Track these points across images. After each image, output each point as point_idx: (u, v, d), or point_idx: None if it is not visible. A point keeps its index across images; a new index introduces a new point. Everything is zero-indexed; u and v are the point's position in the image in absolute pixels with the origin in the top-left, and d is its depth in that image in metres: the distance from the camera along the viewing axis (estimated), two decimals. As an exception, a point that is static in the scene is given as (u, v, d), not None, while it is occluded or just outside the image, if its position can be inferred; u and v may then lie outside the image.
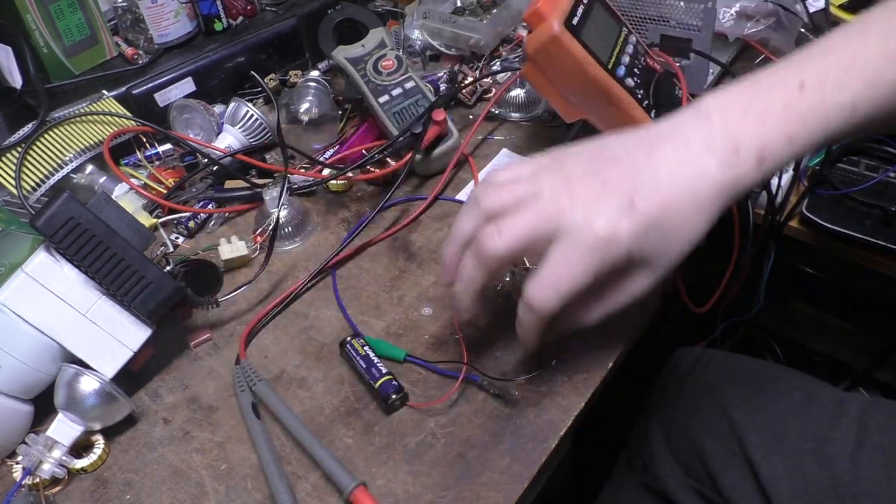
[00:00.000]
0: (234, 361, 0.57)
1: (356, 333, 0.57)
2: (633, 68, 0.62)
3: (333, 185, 0.72)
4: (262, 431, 0.51)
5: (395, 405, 0.52)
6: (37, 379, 0.51)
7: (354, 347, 0.55)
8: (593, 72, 0.59)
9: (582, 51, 0.58)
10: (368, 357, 0.54)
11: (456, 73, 0.83)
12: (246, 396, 0.53)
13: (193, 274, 0.63)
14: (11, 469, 0.51)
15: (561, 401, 0.51)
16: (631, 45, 0.64)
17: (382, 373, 0.53)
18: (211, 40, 0.82)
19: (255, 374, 0.54)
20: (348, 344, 0.55)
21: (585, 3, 0.61)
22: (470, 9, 0.88)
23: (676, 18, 0.72)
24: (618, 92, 0.60)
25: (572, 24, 0.58)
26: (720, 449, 0.65)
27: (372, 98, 0.73)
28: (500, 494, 0.46)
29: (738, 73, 0.83)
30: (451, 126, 0.72)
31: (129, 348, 0.53)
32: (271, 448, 0.50)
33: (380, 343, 0.56)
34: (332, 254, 0.64)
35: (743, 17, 0.81)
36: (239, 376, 0.55)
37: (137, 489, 0.50)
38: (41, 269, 0.50)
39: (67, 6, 0.75)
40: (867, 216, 0.66)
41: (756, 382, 0.69)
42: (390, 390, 0.52)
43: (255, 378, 0.54)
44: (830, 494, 0.59)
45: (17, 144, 0.67)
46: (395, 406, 0.52)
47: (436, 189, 0.71)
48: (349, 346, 0.55)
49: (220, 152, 0.72)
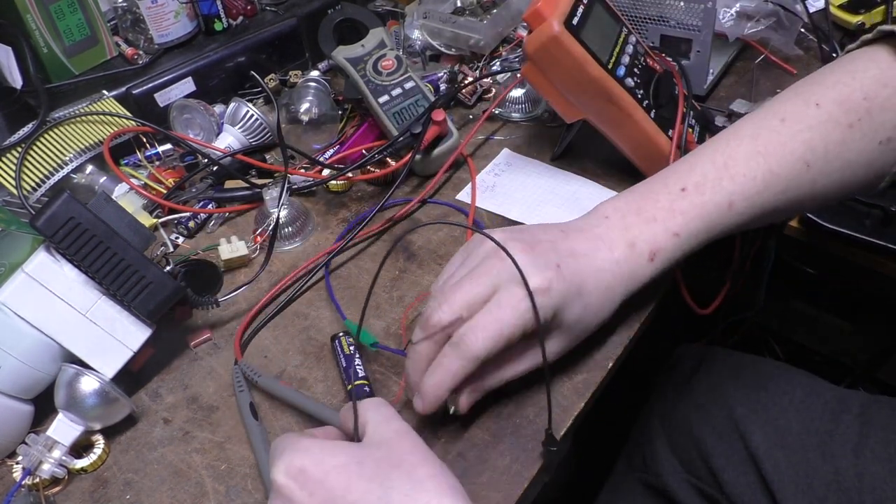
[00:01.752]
0: (233, 361, 0.57)
1: (345, 331, 0.57)
2: (633, 68, 0.62)
3: (333, 186, 0.72)
4: (260, 433, 0.51)
5: None
6: (37, 379, 0.51)
7: (341, 344, 0.56)
8: (593, 72, 0.59)
9: (582, 51, 0.58)
10: (351, 356, 0.55)
11: (456, 73, 0.83)
12: (244, 397, 0.53)
13: (193, 274, 0.63)
14: (11, 469, 0.51)
15: (561, 401, 0.51)
16: (631, 45, 0.64)
17: (359, 375, 0.53)
18: (211, 40, 0.82)
19: (254, 371, 0.55)
20: (337, 340, 0.56)
21: (585, 4, 0.61)
22: (470, 9, 0.88)
23: (676, 18, 0.72)
24: (618, 92, 0.60)
25: (572, 24, 0.58)
26: (722, 445, 0.66)
27: (372, 98, 0.73)
28: (500, 494, 0.46)
29: (739, 72, 0.83)
30: (451, 126, 0.72)
31: (129, 348, 0.53)
32: (269, 449, 0.50)
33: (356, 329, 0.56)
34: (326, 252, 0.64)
35: (743, 17, 0.81)
36: (237, 376, 0.55)
37: (137, 489, 0.50)
38: (41, 269, 0.50)
39: (67, 6, 0.75)
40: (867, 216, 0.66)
41: (758, 379, 0.70)
42: (360, 396, 0.52)
43: (255, 375, 0.54)
44: (834, 489, 0.59)
45: (17, 144, 0.67)
46: None
47: (426, 190, 0.70)
48: (337, 341, 0.56)
49: (220, 152, 0.72)
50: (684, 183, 0.49)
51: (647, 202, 0.49)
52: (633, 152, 0.65)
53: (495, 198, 0.69)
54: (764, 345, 1.19)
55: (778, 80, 0.81)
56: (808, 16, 0.82)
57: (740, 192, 0.48)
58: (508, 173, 0.72)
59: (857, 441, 0.61)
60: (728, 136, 0.51)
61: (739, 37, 0.81)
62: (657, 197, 0.49)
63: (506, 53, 0.86)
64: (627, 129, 0.63)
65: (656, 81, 0.64)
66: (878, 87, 0.49)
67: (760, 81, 0.81)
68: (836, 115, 0.49)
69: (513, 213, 0.67)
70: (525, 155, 0.74)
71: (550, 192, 0.68)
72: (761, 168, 0.48)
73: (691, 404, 0.71)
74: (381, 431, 0.41)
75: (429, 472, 0.38)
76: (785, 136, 0.49)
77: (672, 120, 0.64)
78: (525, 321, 0.43)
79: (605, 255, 0.47)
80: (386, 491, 0.37)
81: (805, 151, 0.49)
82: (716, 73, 0.80)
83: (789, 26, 0.81)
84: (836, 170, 0.50)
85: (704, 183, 0.48)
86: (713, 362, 0.74)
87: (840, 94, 0.50)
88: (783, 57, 0.83)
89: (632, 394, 0.79)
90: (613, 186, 0.68)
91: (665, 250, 0.48)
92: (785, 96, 0.52)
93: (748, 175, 0.48)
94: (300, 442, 0.40)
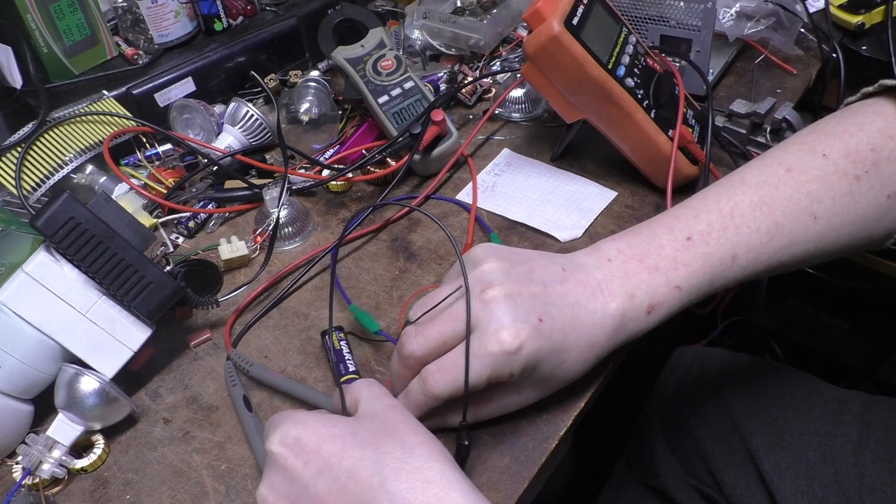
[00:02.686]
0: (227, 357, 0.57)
1: (336, 326, 0.57)
2: (633, 68, 0.62)
3: (333, 186, 0.72)
4: (255, 425, 0.51)
5: None
6: (37, 379, 0.51)
7: (331, 340, 0.56)
8: (593, 72, 0.59)
9: (582, 51, 0.58)
10: (341, 352, 0.55)
11: (456, 73, 0.83)
12: (238, 390, 0.53)
13: (193, 274, 0.63)
14: (11, 469, 0.51)
15: (561, 401, 0.51)
16: (631, 46, 0.64)
17: (349, 370, 0.54)
18: (211, 40, 0.82)
19: (245, 361, 0.55)
20: (327, 335, 0.56)
21: (585, 4, 0.61)
22: (470, 9, 0.88)
23: (676, 18, 0.72)
24: (618, 92, 0.60)
25: (572, 24, 0.58)
26: (722, 446, 0.65)
27: (371, 98, 0.73)
28: (500, 494, 0.46)
29: (739, 72, 0.83)
30: (451, 126, 0.72)
31: (129, 348, 0.53)
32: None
33: (362, 315, 0.56)
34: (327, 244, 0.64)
35: (743, 17, 0.81)
36: (230, 370, 0.55)
37: (137, 489, 0.50)
38: (41, 269, 0.50)
39: (67, 6, 0.75)
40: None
41: (757, 380, 0.70)
42: None
43: (247, 365, 0.55)
44: (835, 490, 0.59)
45: (17, 144, 0.67)
46: None
47: (427, 190, 0.70)
48: (327, 337, 0.56)
49: (220, 152, 0.72)
50: (689, 231, 0.47)
51: (651, 248, 0.47)
52: (632, 152, 0.65)
53: (495, 198, 0.69)
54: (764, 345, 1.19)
55: (778, 80, 0.81)
56: (808, 16, 0.82)
57: (745, 245, 0.47)
58: (508, 173, 0.72)
59: (857, 441, 0.61)
60: (734, 182, 0.50)
61: (739, 37, 0.81)
62: (661, 243, 0.47)
63: (506, 53, 0.86)
64: (627, 129, 0.63)
65: (657, 81, 0.64)
66: (884, 140, 0.49)
67: (760, 81, 0.81)
68: (844, 167, 0.48)
69: (513, 213, 0.67)
70: (525, 155, 0.74)
71: (551, 193, 0.68)
72: (766, 219, 0.47)
73: (690, 405, 0.71)
74: (373, 406, 0.43)
75: (420, 439, 0.40)
76: (791, 188, 0.48)
77: (672, 120, 0.64)
78: (491, 372, 0.43)
79: (599, 307, 0.46)
80: (380, 456, 0.38)
81: (811, 203, 0.48)
82: (716, 73, 0.80)
83: (789, 26, 0.81)
84: (843, 223, 0.49)
85: (710, 233, 0.47)
86: (712, 363, 0.74)
87: (847, 146, 0.49)
88: (783, 57, 0.83)
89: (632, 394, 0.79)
90: (613, 186, 0.69)
91: (664, 304, 0.47)
92: (789, 146, 0.51)
93: (752, 226, 0.47)
94: (295, 415, 0.42)
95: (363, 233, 0.67)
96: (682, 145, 0.63)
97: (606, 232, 0.64)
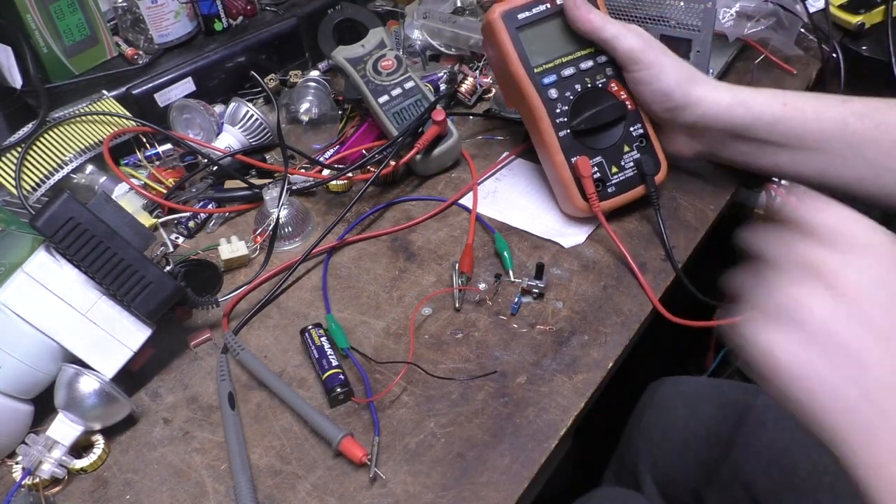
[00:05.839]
0: (233, 361, 0.57)
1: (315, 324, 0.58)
2: (570, 84, 0.62)
3: (333, 186, 0.72)
4: (234, 423, 0.52)
5: (338, 398, 0.53)
6: (37, 379, 0.51)
7: (311, 336, 0.56)
8: (512, 66, 0.62)
9: (509, 42, 0.62)
10: (322, 348, 0.55)
11: (456, 73, 0.83)
12: (225, 385, 0.54)
13: (193, 274, 0.63)
14: (11, 469, 0.51)
15: (561, 401, 0.51)
16: (581, 67, 0.63)
17: (332, 364, 0.54)
18: (211, 40, 0.82)
19: (238, 344, 0.56)
20: (307, 332, 0.57)
21: (543, 13, 0.62)
22: (470, 9, 0.88)
23: (676, 18, 0.72)
24: (531, 94, 0.62)
25: (516, 19, 0.62)
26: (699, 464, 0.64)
27: (371, 98, 0.73)
28: (500, 494, 0.46)
29: (739, 72, 0.83)
30: (451, 126, 0.72)
31: (129, 348, 0.53)
32: (240, 440, 0.51)
33: (336, 329, 0.57)
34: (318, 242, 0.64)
35: (743, 17, 0.81)
36: (222, 365, 0.56)
37: (137, 489, 0.50)
38: (41, 269, 0.50)
39: (67, 6, 0.75)
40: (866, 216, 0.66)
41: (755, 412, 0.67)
42: (335, 383, 0.53)
43: (239, 348, 0.56)
44: None
45: (17, 144, 0.67)
46: (338, 399, 0.53)
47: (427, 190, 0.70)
48: (307, 334, 0.57)
49: (220, 152, 0.72)
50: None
51: None
52: (542, 160, 0.67)
53: (496, 204, 0.69)
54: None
55: (778, 80, 0.81)
56: (808, 16, 0.82)
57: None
58: (510, 178, 0.72)
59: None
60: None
61: (739, 37, 0.81)
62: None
63: (506, 53, 0.86)
64: (535, 134, 0.65)
65: (579, 99, 0.62)
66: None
67: (760, 81, 0.81)
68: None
69: (514, 220, 0.67)
70: (525, 155, 0.74)
71: (552, 199, 0.68)
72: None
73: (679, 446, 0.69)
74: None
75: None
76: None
77: (589, 149, 0.62)
78: None
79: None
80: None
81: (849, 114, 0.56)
82: (716, 73, 0.80)
83: (789, 26, 0.81)
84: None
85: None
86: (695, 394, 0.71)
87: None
88: (783, 57, 0.82)
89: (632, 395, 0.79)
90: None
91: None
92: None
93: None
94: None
95: (365, 237, 0.67)
96: (577, 177, 0.62)
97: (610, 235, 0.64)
